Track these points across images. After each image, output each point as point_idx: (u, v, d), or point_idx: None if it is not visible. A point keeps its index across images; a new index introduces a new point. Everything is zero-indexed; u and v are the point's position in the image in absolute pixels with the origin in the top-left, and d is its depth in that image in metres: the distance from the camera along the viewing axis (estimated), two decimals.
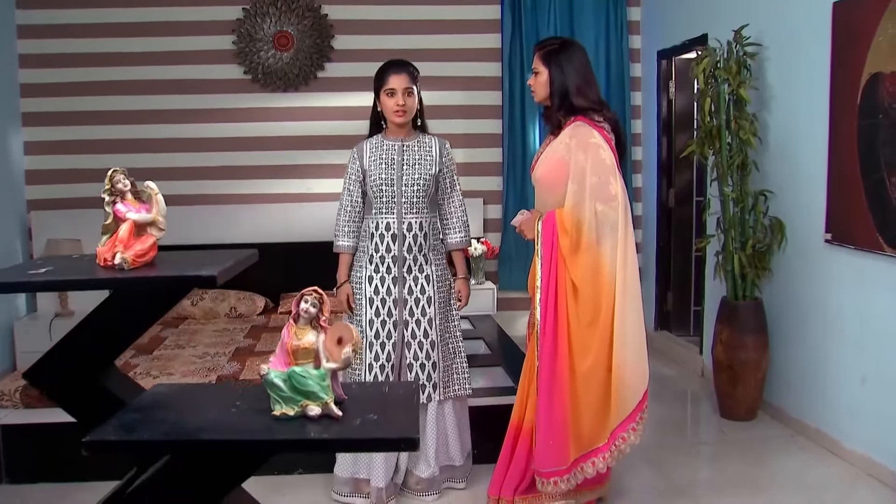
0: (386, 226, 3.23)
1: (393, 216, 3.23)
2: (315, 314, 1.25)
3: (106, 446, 1.19)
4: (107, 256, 1.44)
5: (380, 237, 3.23)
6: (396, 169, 3.21)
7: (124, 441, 1.18)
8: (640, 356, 3.02)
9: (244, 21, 5.62)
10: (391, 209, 3.22)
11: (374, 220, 3.25)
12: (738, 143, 4.20)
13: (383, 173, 3.21)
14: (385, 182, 3.20)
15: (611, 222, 2.95)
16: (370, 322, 3.22)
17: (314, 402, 1.18)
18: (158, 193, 1.56)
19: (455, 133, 5.88)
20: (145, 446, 1.19)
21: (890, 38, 3.32)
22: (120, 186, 1.51)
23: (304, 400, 1.18)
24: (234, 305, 5.39)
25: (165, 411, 1.32)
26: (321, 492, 3.42)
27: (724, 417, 4.34)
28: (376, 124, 3.30)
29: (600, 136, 2.98)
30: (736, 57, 4.16)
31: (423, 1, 5.78)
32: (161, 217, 1.53)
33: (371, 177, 3.21)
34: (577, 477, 3.05)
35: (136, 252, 1.44)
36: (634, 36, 5.96)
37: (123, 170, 1.54)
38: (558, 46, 3.11)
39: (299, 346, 1.23)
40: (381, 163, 3.22)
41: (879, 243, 3.43)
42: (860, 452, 3.61)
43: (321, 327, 1.26)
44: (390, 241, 3.23)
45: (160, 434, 1.21)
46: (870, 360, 3.58)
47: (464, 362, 3.43)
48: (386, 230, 3.23)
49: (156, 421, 1.27)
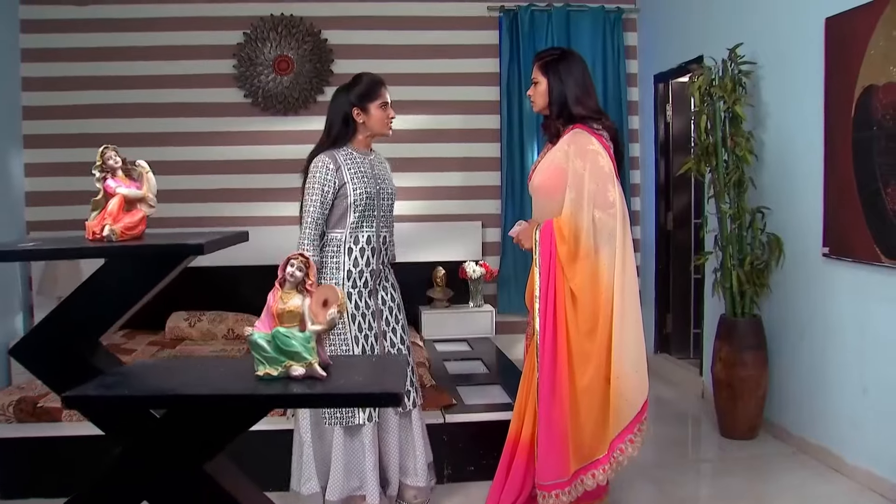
0: (367, 240, 3.16)
1: (372, 230, 3.18)
2: (301, 278, 1.24)
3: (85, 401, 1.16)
4: (95, 230, 1.44)
5: (360, 251, 3.15)
6: (372, 182, 3.18)
7: (104, 396, 1.16)
8: (639, 366, 2.99)
9: (245, 45, 5.69)
10: (370, 223, 3.17)
11: (352, 233, 3.13)
12: (734, 159, 4.22)
13: (366, 186, 3.14)
14: (368, 195, 3.14)
15: (609, 230, 2.93)
16: (356, 339, 3.15)
17: (298, 363, 1.17)
18: (149, 172, 1.56)
19: (453, 157, 5.95)
20: (126, 402, 1.17)
21: (882, 50, 3.35)
22: (111, 163, 1.52)
23: (287, 360, 1.17)
24: (232, 327, 5.37)
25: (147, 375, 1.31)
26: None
27: (724, 436, 4.29)
28: (342, 136, 3.18)
29: (599, 144, 2.98)
30: (731, 75, 4.20)
31: (422, 26, 5.85)
32: (151, 194, 1.53)
33: (355, 189, 3.11)
34: (578, 489, 3.00)
35: (126, 224, 1.43)
36: (631, 60, 6.02)
37: (115, 147, 1.55)
38: (557, 56, 3.13)
39: (284, 309, 1.22)
40: (361, 175, 3.15)
41: (877, 255, 3.42)
42: (863, 468, 3.56)
43: (307, 291, 1.25)
44: (370, 255, 3.17)
45: (141, 391, 1.19)
46: (871, 371, 3.55)
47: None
48: (367, 244, 3.16)
49: (137, 381, 1.25)
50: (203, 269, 5.59)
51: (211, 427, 1.14)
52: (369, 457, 3.14)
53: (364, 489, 3.19)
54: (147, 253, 1.33)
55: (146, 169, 1.56)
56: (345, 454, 3.17)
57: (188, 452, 1.13)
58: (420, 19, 5.86)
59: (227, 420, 1.13)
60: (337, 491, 3.16)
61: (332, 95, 3.28)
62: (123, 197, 1.48)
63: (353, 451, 3.19)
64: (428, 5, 5.87)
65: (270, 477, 3.51)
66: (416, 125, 5.79)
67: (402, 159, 5.53)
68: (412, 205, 5.81)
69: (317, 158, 3.13)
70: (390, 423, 3.26)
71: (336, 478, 3.16)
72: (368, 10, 5.82)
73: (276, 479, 3.45)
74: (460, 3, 5.87)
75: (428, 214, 5.88)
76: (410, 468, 3.33)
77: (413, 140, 5.74)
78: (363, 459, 3.16)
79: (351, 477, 3.19)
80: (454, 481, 3.66)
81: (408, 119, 5.72)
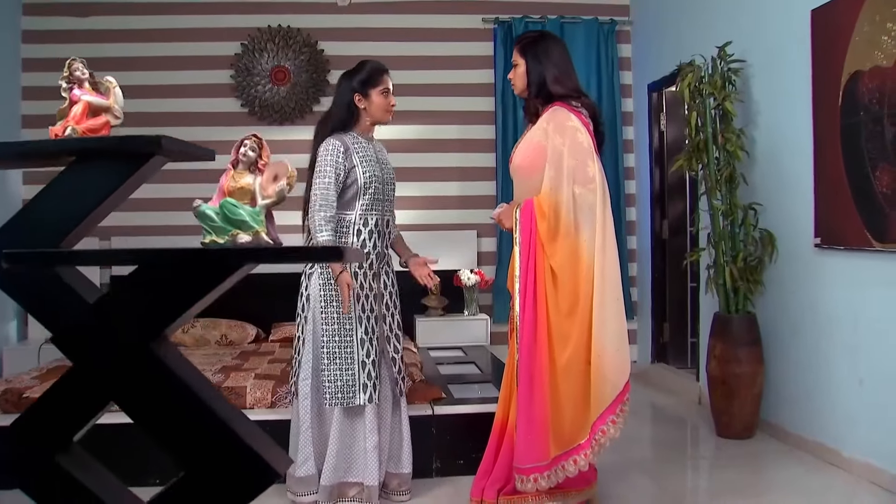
0: (375, 223, 3.19)
1: (379, 213, 3.22)
2: (254, 158, 1.24)
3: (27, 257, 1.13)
4: (57, 132, 1.44)
5: (368, 234, 3.18)
6: (377, 167, 3.22)
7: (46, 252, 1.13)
8: (620, 346, 2.93)
9: (242, 56, 5.76)
10: (377, 206, 3.20)
11: (361, 216, 3.17)
12: (725, 156, 4.22)
13: (375, 170, 3.18)
14: (376, 179, 3.18)
15: (589, 205, 2.91)
16: (359, 318, 3.14)
17: (245, 231, 1.16)
18: (117, 87, 1.57)
19: (450, 166, 5.97)
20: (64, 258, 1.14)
21: (866, 35, 3.37)
22: (78, 74, 1.52)
23: (234, 229, 1.16)
24: (226, 333, 5.35)
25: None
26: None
27: (720, 436, 4.22)
28: (345, 121, 3.21)
29: (577, 120, 2.97)
30: (721, 72, 4.23)
31: (417, 37, 5.92)
32: (117, 106, 1.53)
33: (364, 173, 3.14)
34: (559, 475, 2.93)
35: (88, 126, 1.43)
36: (625, 72, 6.08)
37: (83, 59, 1.56)
38: (536, 38, 3.15)
39: (236, 186, 1.21)
40: (368, 159, 3.19)
41: (868, 239, 3.40)
42: (860, 460, 3.49)
43: (259, 171, 1.25)
44: (377, 238, 3.21)
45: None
46: (866, 361, 3.50)
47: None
48: (375, 227, 3.19)
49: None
50: None
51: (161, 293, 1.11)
52: (371, 438, 3.12)
53: (358, 475, 3.15)
54: (107, 146, 1.32)
55: (113, 84, 1.56)
56: (341, 438, 3.13)
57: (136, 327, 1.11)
58: (416, 31, 5.94)
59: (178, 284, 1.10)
60: (330, 475, 3.12)
61: (338, 81, 3.33)
62: (88, 104, 1.48)
63: (352, 434, 3.16)
64: (423, 17, 5.95)
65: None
66: (413, 135, 5.83)
67: (398, 169, 5.53)
68: (408, 214, 5.81)
69: (326, 141, 3.15)
70: (385, 408, 3.22)
71: (331, 462, 3.12)
72: (365, 21, 5.90)
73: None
74: (456, 16, 5.95)
75: (424, 224, 5.89)
76: (395, 455, 3.29)
77: (409, 150, 5.77)
78: (363, 442, 3.13)
79: (345, 461, 3.16)
80: (443, 475, 3.59)
81: (404, 129, 5.78)
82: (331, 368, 3.10)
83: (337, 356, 3.11)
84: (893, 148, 3.23)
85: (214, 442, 1.10)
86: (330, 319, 3.13)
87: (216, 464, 1.10)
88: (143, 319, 1.11)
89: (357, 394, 3.10)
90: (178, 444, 1.12)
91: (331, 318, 3.13)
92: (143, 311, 1.11)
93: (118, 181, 1.39)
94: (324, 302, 3.13)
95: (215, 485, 1.10)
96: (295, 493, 3.21)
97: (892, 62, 3.22)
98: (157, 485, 3.50)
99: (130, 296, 1.13)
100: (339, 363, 3.10)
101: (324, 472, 3.13)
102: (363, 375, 3.11)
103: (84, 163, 1.42)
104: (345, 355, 3.11)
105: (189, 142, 1.48)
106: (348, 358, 3.11)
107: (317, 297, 3.14)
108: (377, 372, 3.15)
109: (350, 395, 3.10)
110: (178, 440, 1.12)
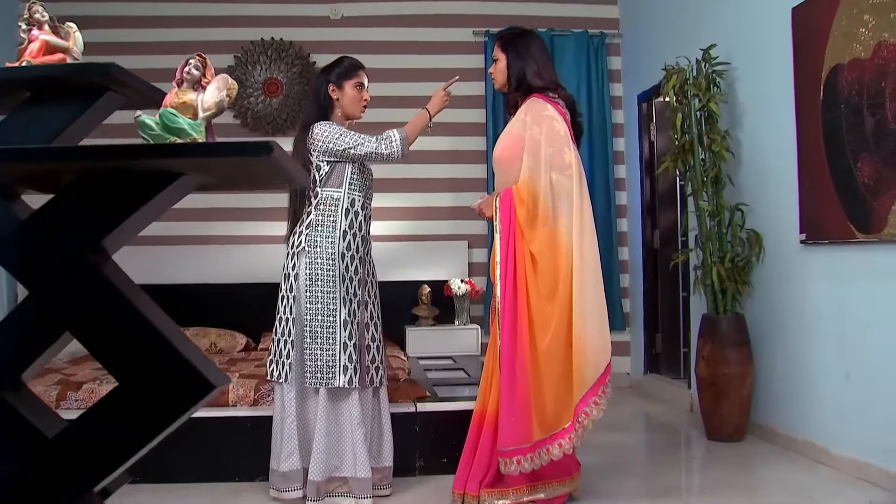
0: (362, 205, 3.21)
1: (362, 198, 3.22)
2: (198, 77, 1.25)
3: None
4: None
5: (355, 214, 3.18)
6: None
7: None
8: (601, 329, 2.95)
9: (235, 68, 5.82)
10: (360, 190, 3.21)
11: (348, 195, 3.17)
12: (711, 157, 4.24)
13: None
14: (361, 164, 3.23)
15: (566, 191, 2.95)
16: (343, 300, 3.12)
17: (184, 139, 1.16)
18: (77, 31, 1.58)
19: (440, 178, 5.99)
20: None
21: (844, 29, 3.40)
22: (38, 17, 1.53)
23: (173, 137, 1.16)
24: (215, 342, 5.32)
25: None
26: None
27: (710, 439, 4.17)
28: (320, 111, 3.24)
29: (554, 109, 3.03)
30: (705, 73, 4.26)
31: (409, 50, 5.99)
32: (76, 48, 1.54)
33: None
34: (543, 458, 2.91)
35: (42, 62, 1.44)
36: (616, 84, 6.12)
37: (42, 3, 1.57)
38: (516, 34, 3.23)
39: (178, 101, 1.21)
40: None
41: (851, 231, 3.40)
42: (847, 456, 3.45)
43: (202, 88, 1.25)
44: (363, 221, 3.22)
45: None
46: (851, 354, 3.47)
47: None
48: (361, 209, 3.21)
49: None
50: (189, 285, 5.61)
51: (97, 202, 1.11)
52: (359, 430, 3.09)
53: (348, 469, 3.10)
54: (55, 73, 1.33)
55: (74, 29, 1.57)
56: (327, 431, 3.09)
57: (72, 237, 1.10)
58: (407, 44, 6.00)
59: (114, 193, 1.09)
60: (320, 470, 3.07)
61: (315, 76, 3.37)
62: (46, 42, 1.49)
63: (338, 427, 3.12)
64: (415, 31, 6.02)
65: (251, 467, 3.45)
66: None
67: (390, 180, 5.60)
68: (399, 225, 5.83)
69: (319, 123, 3.17)
70: (364, 400, 3.19)
71: (319, 456, 3.07)
72: (356, 35, 5.96)
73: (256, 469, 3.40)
74: (446, 29, 6.02)
75: (415, 234, 5.90)
76: (375, 449, 3.25)
77: (401, 161, 5.77)
78: (351, 435, 3.09)
79: (336, 456, 3.12)
80: (426, 473, 3.54)
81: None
82: (312, 348, 3.09)
83: (319, 335, 3.09)
84: (874, 138, 3.24)
85: (150, 353, 1.08)
86: (314, 298, 3.11)
87: (150, 375, 1.09)
88: (79, 229, 1.10)
89: (337, 375, 3.07)
90: (114, 355, 1.10)
91: (315, 297, 3.11)
92: (78, 220, 1.11)
93: (71, 115, 1.40)
94: (309, 280, 3.12)
95: (149, 396, 1.08)
96: (278, 489, 3.16)
97: (870, 53, 3.25)
98: (137, 482, 3.48)
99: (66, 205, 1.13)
100: (320, 342, 3.08)
101: (312, 467, 3.08)
102: (344, 357, 3.08)
103: (37, 98, 1.43)
104: (327, 335, 3.09)
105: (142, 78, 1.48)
106: (330, 338, 3.09)
107: (304, 276, 3.13)
108: (358, 356, 3.13)
109: (330, 375, 3.07)
110: (113, 351, 1.10)
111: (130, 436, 1.08)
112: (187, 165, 1.11)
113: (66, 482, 1.07)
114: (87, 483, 1.08)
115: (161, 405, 1.08)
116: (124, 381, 1.10)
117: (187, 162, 1.10)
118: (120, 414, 1.09)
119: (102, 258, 1.13)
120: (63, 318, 1.12)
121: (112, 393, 1.10)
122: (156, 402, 1.08)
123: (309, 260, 3.13)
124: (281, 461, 3.13)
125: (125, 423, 1.08)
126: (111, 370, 1.12)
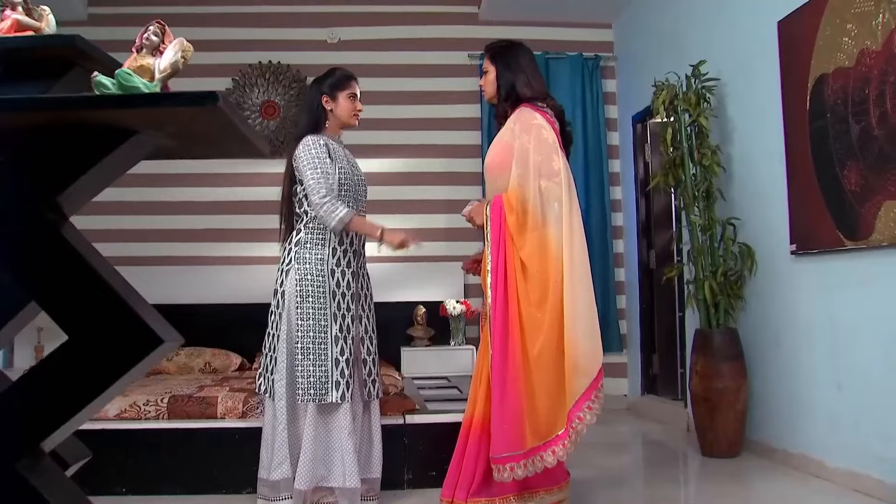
0: None
1: (357, 210, 3.22)
2: (157, 43, 1.26)
3: None
4: None
5: (345, 231, 3.17)
6: (350, 168, 3.25)
7: None
8: (592, 335, 2.92)
9: (233, 91, 5.89)
10: (352, 206, 3.19)
11: None
12: (702, 171, 4.25)
13: (349, 170, 3.21)
14: (351, 178, 3.21)
15: (555, 197, 2.95)
16: (334, 316, 3.11)
17: None
18: (50, 14, 1.61)
19: (436, 199, 6.01)
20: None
21: (828, 39, 3.43)
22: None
23: None
24: (210, 361, 5.31)
25: None
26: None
27: (706, 456, 4.11)
28: (314, 123, 3.25)
29: (542, 118, 3.04)
30: (695, 89, 4.29)
31: (404, 74, 6.05)
32: (48, 30, 1.57)
33: (343, 171, 3.17)
34: (537, 465, 2.87)
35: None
36: (611, 106, 6.17)
37: None
38: (505, 45, 3.26)
39: (135, 66, 1.23)
40: (344, 159, 3.23)
41: (840, 239, 3.39)
42: (843, 469, 3.40)
43: (160, 54, 1.27)
44: (355, 236, 3.21)
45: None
46: (843, 364, 3.44)
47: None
48: None
49: None
50: (184, 306, 5.60)
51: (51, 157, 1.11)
52: (349, 440, 3.06)
53: (337, 479, 3.06)
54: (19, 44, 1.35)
55: (48, 11, 1.60)
56: (315, 441, 3.05)
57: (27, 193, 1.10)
58: (403, 67, 6.07)
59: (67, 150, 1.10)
60: (307, 479, 3.03)
61: (308, 87, 3.39)
62: (17, 21, 1.51)
63: (327, 437, 3.09)
64: (410, 54, 6.09)
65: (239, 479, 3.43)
66: (400, 168, 5.91)
67: (386, 202, 5.63)
68: None
69: (306, 138, 3.16)
70: (356, 411, 3.17)
71: (306, 465, 3.03)
72: (353, 58, 6.01)
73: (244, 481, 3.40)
74: (442, 52, 6.09)
75: (411, 255, 5.87)
76: (365, 460, 3.22)
77: (397, 183, 5.85)
78: (341, 445, 3.06)
79: (324, 466, 3.08)
80: (414, 486, 3.51)
81: (392, 162, 5.86)
82: (304, 364, 3.06)
83: (311, 352, 3.07)
84: (859, 145, 3.25)
85: (100, 307, 1.08)
86: (305, 315, 3.10)
87: (99, 328, 1.08)
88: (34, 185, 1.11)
89: (330, 391, 3.05)
90: (65, 308, 1.10)
91: (306, 314, 3.10)
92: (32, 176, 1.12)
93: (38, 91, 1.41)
94: (300, 297, 3.11)
95: (97, 350, 1.08)
96: (267, 497, 3.12)
97: (853, 62, 3.27)
98: (124, 493, 3.45)
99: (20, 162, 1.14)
100: (312, 359, 3.07)
101: (298, 475, 3.04)
102: (336, 373, 3.06)
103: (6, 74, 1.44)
104: (319, 352, 3.07)
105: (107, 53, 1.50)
106: (322, 355, 3.07)
107: (292, 292, 3.12)
108: (350, 371, 3.11)
109: (322, 391, 3.05)
110: (64, 304, 1.10)
111: (78, 390, 1.07)
112: (136, 119, 1.12)
113: (11, 436, 1.07)
114: (33, 437, 1.07)
115: (109, 359, 1.08)
116: (74, 335, 1.09)
117: (136, 114, 1.11)
118: (68, 368, 1.08)
119: (60, 218, 1.13)
120: (19, 274, 1.13)
121: (61, 347, 1.10)
122: (104, 355, 1.08)
123: (298, 276, 3.12)
124: (272, 470, 3.10)
125: (73, 377, 1.08)
126: (61, 324, 1.12)
